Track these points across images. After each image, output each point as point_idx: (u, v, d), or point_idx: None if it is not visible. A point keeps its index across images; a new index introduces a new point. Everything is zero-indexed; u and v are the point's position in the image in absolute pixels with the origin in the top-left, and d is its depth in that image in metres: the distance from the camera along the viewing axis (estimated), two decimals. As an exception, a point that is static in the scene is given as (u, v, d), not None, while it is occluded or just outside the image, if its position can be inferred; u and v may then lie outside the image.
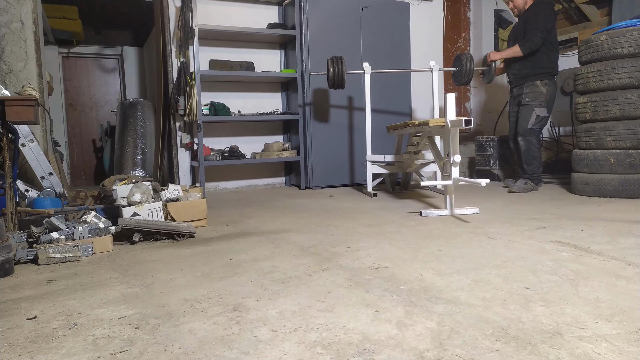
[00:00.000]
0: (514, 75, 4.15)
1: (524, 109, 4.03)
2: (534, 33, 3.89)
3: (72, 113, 6.86)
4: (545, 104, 3.97)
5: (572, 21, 5.62)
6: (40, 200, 3.00)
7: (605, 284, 1.52)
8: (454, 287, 1.55)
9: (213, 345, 1.16)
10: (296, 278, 1.71)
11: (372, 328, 1.23)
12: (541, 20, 3.89)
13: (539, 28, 3.87)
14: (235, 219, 3.08)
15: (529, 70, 4.01)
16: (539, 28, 3.87)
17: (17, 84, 3.51)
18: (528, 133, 4.00)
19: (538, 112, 3.95)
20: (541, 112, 3.96)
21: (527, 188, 3.91)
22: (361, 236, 2.40)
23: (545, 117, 3.99)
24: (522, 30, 4.04)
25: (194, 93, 4.34)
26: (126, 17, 6.64)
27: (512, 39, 4.19)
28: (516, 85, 4.17)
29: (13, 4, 3.56)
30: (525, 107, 4.01)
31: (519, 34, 4.07)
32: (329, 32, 4.74)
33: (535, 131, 4.02)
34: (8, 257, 1.91)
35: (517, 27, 4.17)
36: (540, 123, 4.00)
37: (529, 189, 3.92)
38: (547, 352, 1.07)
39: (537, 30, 3.88)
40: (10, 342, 1.23)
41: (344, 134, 4.87)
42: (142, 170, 4.43)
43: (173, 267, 1.93)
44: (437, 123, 2.96)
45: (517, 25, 4.19)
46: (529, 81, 4.00)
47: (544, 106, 3.97)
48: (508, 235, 2.29)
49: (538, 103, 3.96)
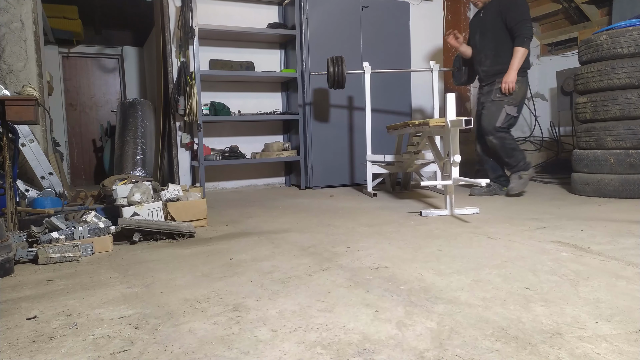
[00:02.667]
0: (485, 73, 3.79)
1: (493, 105, 3.66)
2: (523, 24, 3.55)
3: (72, 113, 6.86)
4: (516, 102, 3.64)
5: (572, 21, 5.62)
6: (40, 200, 3.00)
7: (605, 284, 1.52)
8: (454, 287, 1.55)
9: (213, 345, 1.16)
10: (296, 278, 1.71)
11: (372, 328, 1.23)
12: (524, 10, 3.59)
13: (526, 18, 3.58)
14: (235, 219, 3.08)
15: (501, 67, 3.65)
16: (526, 18, 3.58)
17: (17, 83, 3.51)
18: (498, 130, 3.63)
19: (508, 110, 3.61)
20: (511, 111, 3.63)
21: (524, 182, 3.62)
22: (361, 236, 2.40)
23: (514, 117, 3.66)
24: (496, 23, 3.66)
25: (194, 93, 4.34)
26: (126, 17, 6.64)
27: (479, 33, 3.79)
28: (487, 83, 3.80)
29: (13, 3, 3.56)
30: (495, 104, 3.65)
31: (492, 28, 3.69)
32: (329, 32, 4.74)
33: (505, 129, 3.66)
34: (8, 257, 1.91)
35: (484, 20, 3.76)
36: (509, 122, 3.66)
37: (526, 181, 3.63)
38: (547, 352, 1.07)
39: (526, 21, 3.56)
40: (10, 342, 1.23)
41: (344, 134, 4.87)
42: (142, 170, 4.43)
43: (173, 267, 1.93)
44: (437, 123, 2.96)
45: (484, 18, 3.78)
46: (501, 77, 3.65)
47: (515, 105, 3.64)
48: (508, 235, 2.29)
49: (509, 100, 3.62)
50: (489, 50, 3.75)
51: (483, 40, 3.79)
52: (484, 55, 3.78)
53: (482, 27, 3.79)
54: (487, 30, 3.75)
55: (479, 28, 3.82)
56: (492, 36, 3.72)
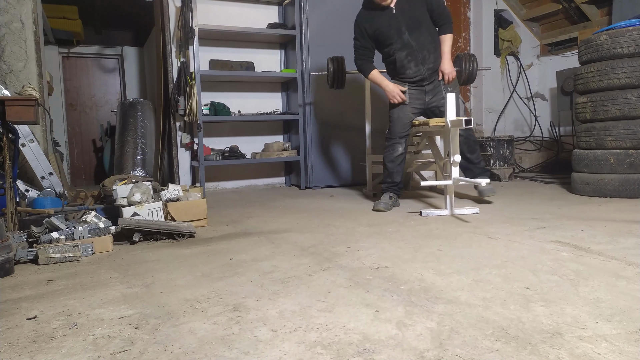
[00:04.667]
0: (430, 70, 3.32)
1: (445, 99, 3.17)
2: (447, 11, 3.32)
3: (72, 113, 6.86)
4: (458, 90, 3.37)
5: (572, 21, 5.62)
6: (41, 200, 3.00)
7: (606, 284, 1.52)
8: (454, 287, 1.55)
9: (213, 345, 1.16)
10: (296, 278, 1.71)
11: (372, 328, 1.23)
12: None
13: (445, 4, 3.39)
14: (236, 219, 3.08)
15: (439, 60, 3.33)
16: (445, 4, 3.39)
17: (17, 84, 3.51)
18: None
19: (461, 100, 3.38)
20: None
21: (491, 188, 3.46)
22: (361, 236, 2.40)
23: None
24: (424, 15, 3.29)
25: (194, 93, 4.34)
26: (126, 17, 6.64)
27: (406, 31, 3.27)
28: (432, 81, 3.34)
29: (13, 4, 3.56)
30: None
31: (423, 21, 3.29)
32: (329, 32, 4.73)
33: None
34: (8, 257, 1.91)
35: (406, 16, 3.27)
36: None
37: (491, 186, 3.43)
38: (547, 352, 1.07)
39: (446, 8, 3.34)
40: (10, 342, 1.23)
41: (344, 134, 4.87)
42: (142, 170, 4.43)
43: (173, 267, 1.93)
44: (437, 123, 2.96)
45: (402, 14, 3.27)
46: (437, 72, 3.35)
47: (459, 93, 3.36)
48: (508, 235, 2.29)
49: (456, 91, 3.39)
50: (429, 44, 3.31)
51: (419, 37, 3.28)
52: (427, 51, 3.30)
53: (407, 23, 3.26)
54: (417, 25, 3.28)
55: (402, 25, 3.27)
56: (427, 30, 3.32)
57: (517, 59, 6.15)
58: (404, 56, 3.31)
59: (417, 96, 3.36)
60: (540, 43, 6.16)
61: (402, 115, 3.38)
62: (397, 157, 3.38)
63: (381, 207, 3.20)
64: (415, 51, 3.29)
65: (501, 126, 6.12)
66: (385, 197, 3.30)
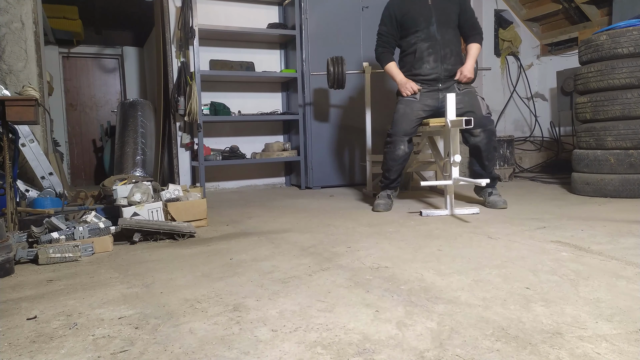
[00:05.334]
0: (447, 72, 3.17)
1: (466, 95, 3.13)
2: (478, 23, 3.26)
3: (72, 113, 6.86)
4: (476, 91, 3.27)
5: (572, 21, 5.62)
6: (41, 200, 3.00)
7: (606, 284, 1.52)
8: (454, 287, 1.55)
9: (213, 345, 1.16)
10: (296, 278, 1.71)
11: (372, 328, 1.23)
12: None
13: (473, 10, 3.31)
14: (236, 219, 3.08)
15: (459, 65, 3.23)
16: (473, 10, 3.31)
17: (17, 84, 3.51)
18: (488, 121, 3.12)
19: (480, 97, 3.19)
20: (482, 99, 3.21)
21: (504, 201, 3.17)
22: (361, 236, 2.40)
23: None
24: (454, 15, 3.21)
25: (194, 93, 4.34)
26: (126, 17, 6.64)
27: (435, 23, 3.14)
28: (446, 84, 3.19)
29: (13, 4, 3.56)
30: (467, 94, 3.15)
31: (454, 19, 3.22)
32: (329, 32, 4.74)
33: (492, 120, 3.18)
34: (8, 257, 1.91)
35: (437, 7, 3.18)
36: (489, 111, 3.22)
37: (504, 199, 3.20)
38: (547, 352, 1.07)
39: (477, 20, 3.27)
40: (10, 342, 1.23)
41: (344, 134, 4.87)
42: (142, 170, 4.43)
43: (173, 267, 1.93)
44: (437, 123, 2.96)
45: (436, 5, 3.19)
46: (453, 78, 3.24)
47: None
48: (508, 235, 2.29)
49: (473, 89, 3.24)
50: (453, 45, 3.20)
51: (445, 33, 3.18)
52: (449, 50, 3.17)
53: (438, 15, 3.17)
54: (447, 21, 3.19)
55: (433, 16, 3.16)
56: (454, 30, 3.23)
57: (517, 59, 6.15)
58: (425, 47, 3.16)
59: (431, 95, 3.18)
60: (540, 43, 6.16)
61: (409, 111, 3.16)
62: (400, 156, 3.18)
63: (381, 208, 3.19)
64: (438, 45, 3.15)
65: (501, 126, 6.11)
66: (384, 197, 3.30)
